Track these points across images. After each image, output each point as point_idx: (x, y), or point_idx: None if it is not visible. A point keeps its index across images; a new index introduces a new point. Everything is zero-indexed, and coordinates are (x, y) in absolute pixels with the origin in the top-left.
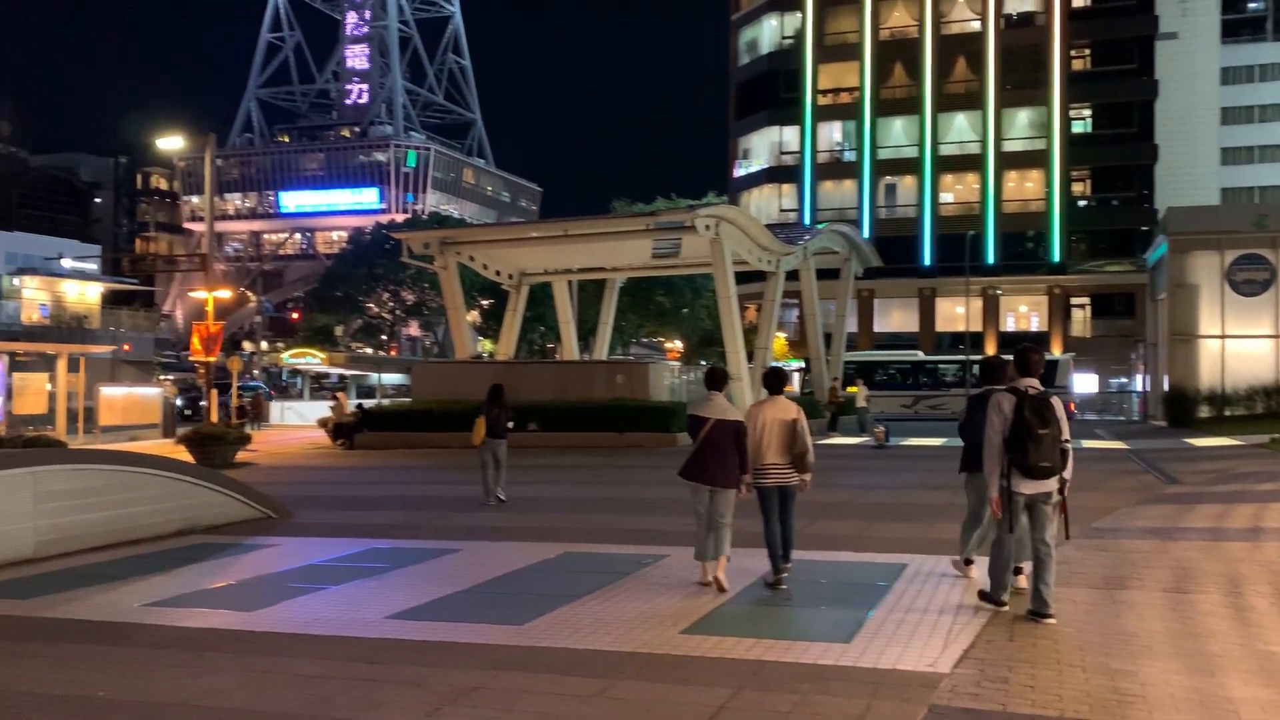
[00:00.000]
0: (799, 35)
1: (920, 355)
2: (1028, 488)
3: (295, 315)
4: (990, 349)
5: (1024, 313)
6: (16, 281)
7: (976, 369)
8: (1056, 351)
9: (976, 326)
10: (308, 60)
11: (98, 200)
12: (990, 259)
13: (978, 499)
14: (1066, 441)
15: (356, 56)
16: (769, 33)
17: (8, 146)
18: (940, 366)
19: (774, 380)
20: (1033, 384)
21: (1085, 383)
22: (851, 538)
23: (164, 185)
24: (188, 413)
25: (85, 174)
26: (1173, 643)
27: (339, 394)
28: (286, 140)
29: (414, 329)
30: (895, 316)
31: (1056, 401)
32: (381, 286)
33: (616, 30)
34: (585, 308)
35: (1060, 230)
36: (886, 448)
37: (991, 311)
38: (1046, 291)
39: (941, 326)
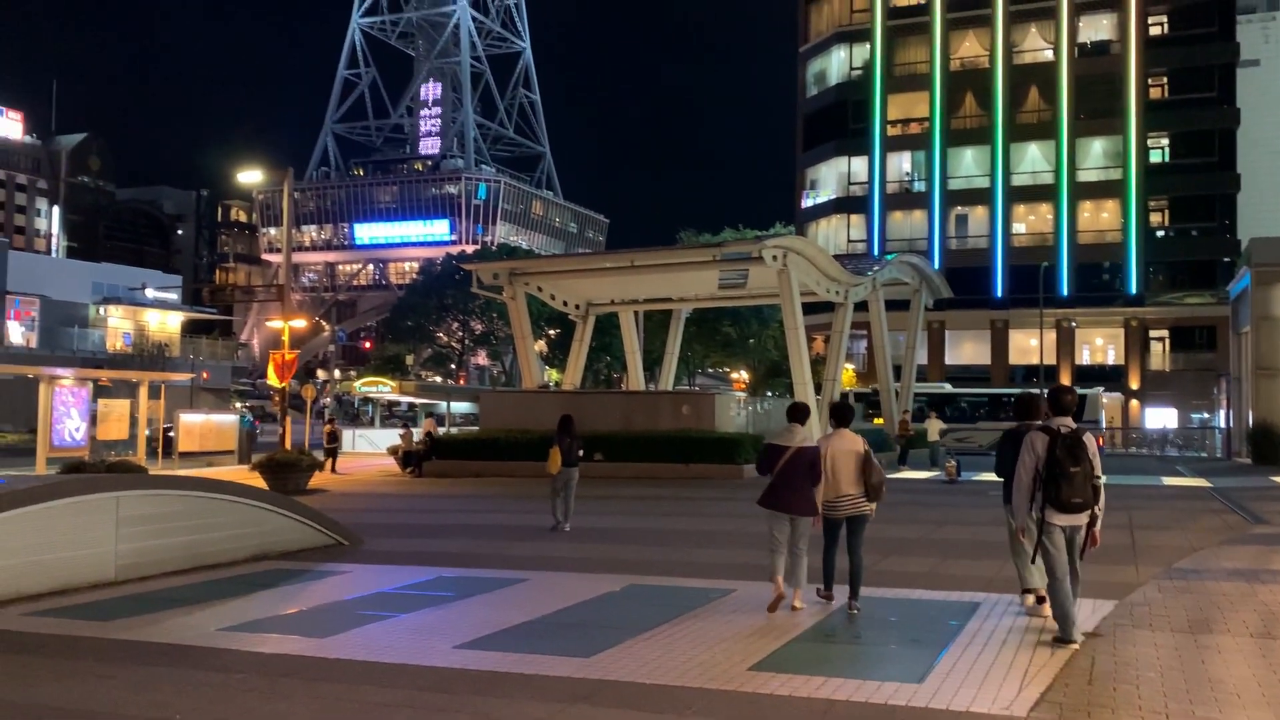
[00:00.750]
0: (868, 66)
1: (947, 387)
2: (1061, 520)
3: (367, 344)
4: (1065, 382)
5: (1099, 345)
6: (102, 310)
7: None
8: (1134, 384)
9: (1050, 359)
10: (383, 96)
11: (180, 232)
12: (1064, 290)
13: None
14: (1098, 478)
15: (430, 92)
16: (837, 64)
17: (96, 181)
18: (976, 398)
19: (841, 413)
20: (1066, 422)
21: (1164, 418)
22: (923, 575)
23: (243, 218)
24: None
25: (169, 207)
26: (1262, 690)
27: (429, 419)
28: (361, 174)
29: (482, 358)
30: (966, 348)
31: (1089, 439)
32: (451, 316)
33: (684, 63)
34: (651, 338)
35: (1137, 261)
36: (959, 483)
37: (1066, 344)
38: (1123, 324)
39: (1014, 359)
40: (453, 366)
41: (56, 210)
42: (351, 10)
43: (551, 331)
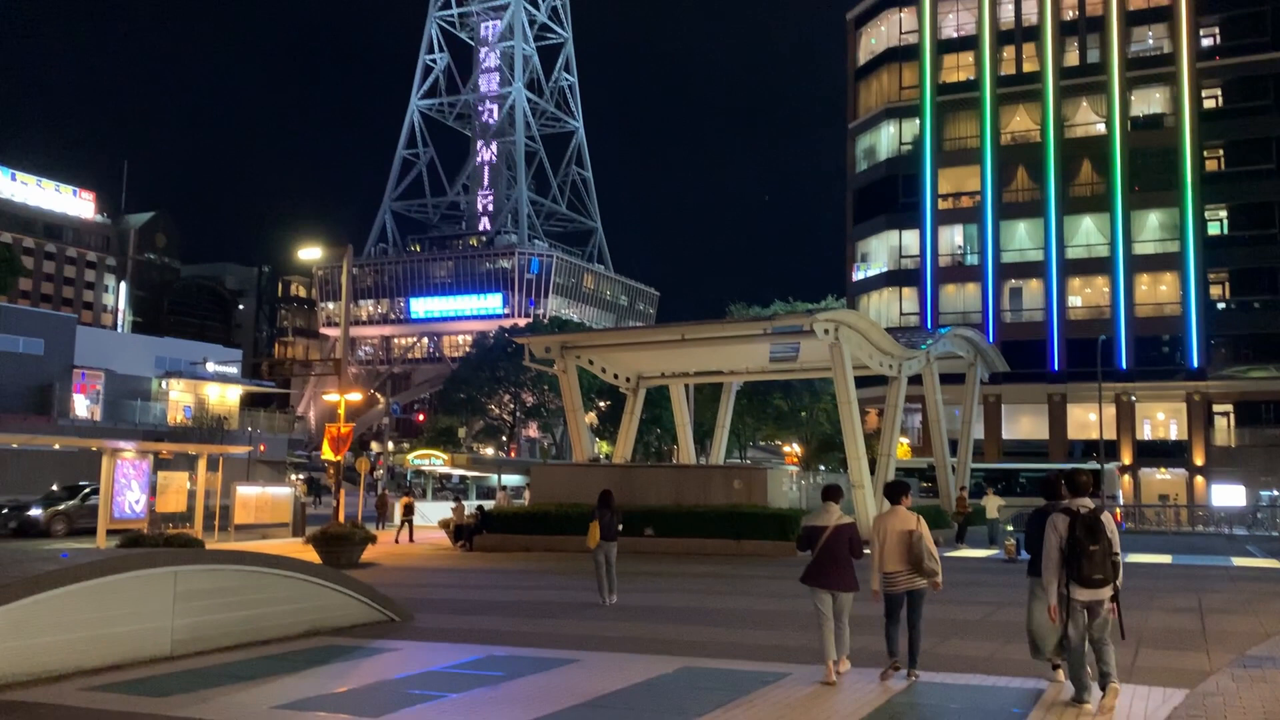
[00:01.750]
0: (917, 141)
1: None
2: (1084, 595)
3: (420, 417)
4: (1126, 458)
5: (1161, 420)
6: (165, 384)
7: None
8: (1198, 460)
9: (1110, 434)
10: (440, 174)
11: (241, 307)
12: (1123, 364)
13: (1035, 601)
14: (1116, 554)
15: (485, 170)
16: (887, 139)
17: (163, 258)
18: (1034, 474)
19: (894, 492)
20: (1084, 503)
21: (1231, 495)
22: (983, 659)
23: (303, 293)
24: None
25: (231, 283)
26: None
27: (500, 491)
28: (418, 249)
29: (533, 430)
30: (1024, 423)
31: (1107, 518)
32: (503, 389)
33: (734, 137)
34: (702, 410)
35: (1198, 334)
36: (1019, 561)
37: (1126, 419)
38: (1185, 398)
39: (1073, 434)
40: (504, 439)
41: (124, 286)
42: (411, 93)
43: (602, 403)
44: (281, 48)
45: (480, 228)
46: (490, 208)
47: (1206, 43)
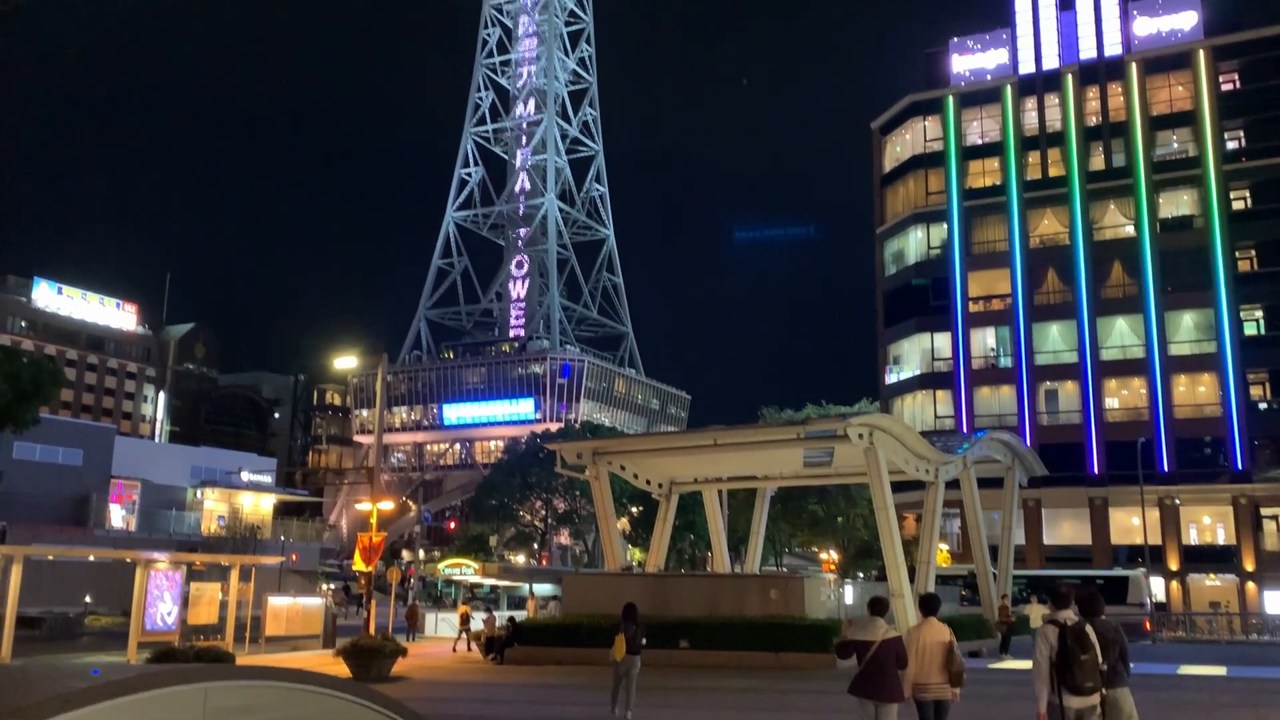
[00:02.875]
0: (946, 245)
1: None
2: (1075, 703)
3: (452, 524)
4: (1172, 563)
5: (1207, 524)
6: (200, 493)
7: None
8: (1249, 566)
9: (1155, 539)
10: (473, 282)
11: (276, 415)
12: (1164, 466)
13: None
14: (1103, 666)
15: (518, 278)
16: (915, 243)
17: (201, 368)
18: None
19: (930, 604)
20: (1068, 615)
21: None
22: None
23: (337, 401)
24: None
25: (267, 391)
26: None
27: (531, 599)
28: (451, 356)
29: (565, 537)
30: (1065, 528)
31: (1090, 630)
32: (534, 495)
33: (762, 241)
34: (736, 515)
35: (1241, 436)
36: None
37: (1170, 522)
38: (1231, 501)
39: (1117, 538)
40: (535, 546)
41: (162, 396)
42: (447, 205)
43: (634, 509)
44: (320, 162)
45: (512, 334)
46: (523, 313)
47: (1231, 145)
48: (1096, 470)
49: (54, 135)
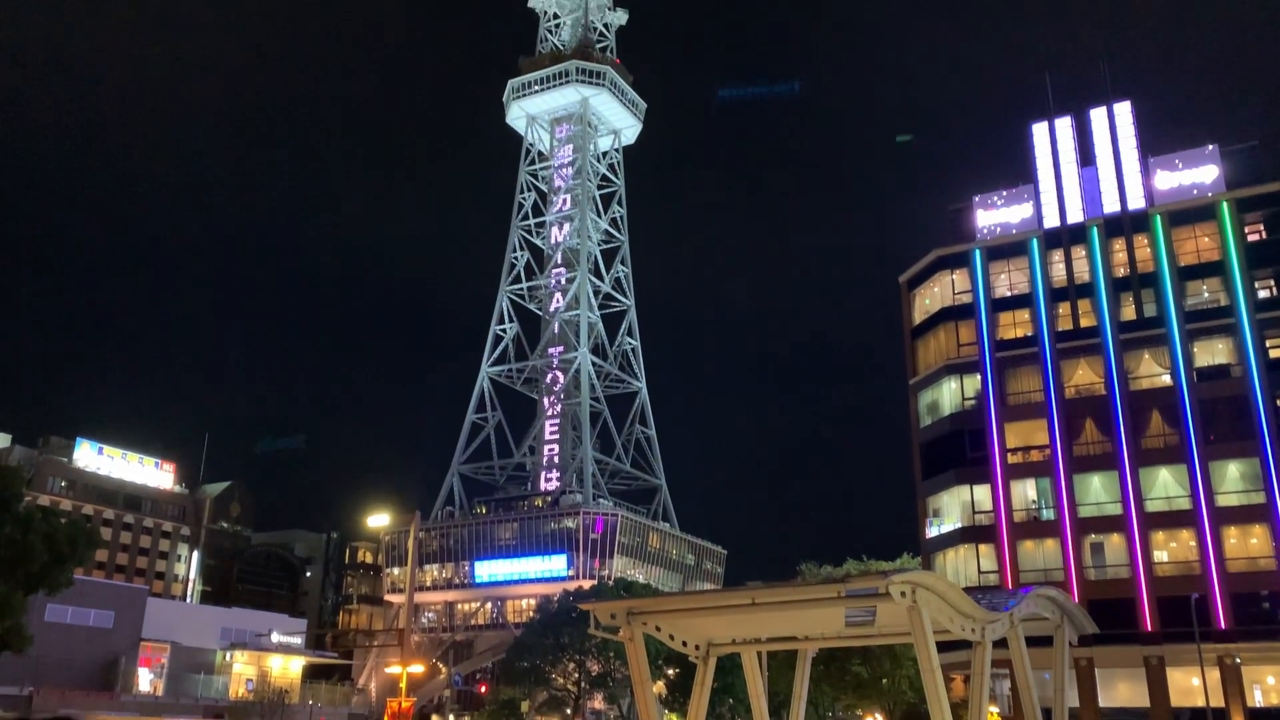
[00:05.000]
0: (980, 396)
1: None
2: None
3: (483, 687)
4: None
5: (1272, 684)
6: (229, 656)
7: None
8: None
9: (1217, 700)
10: (507, 436)
11: (308, 574)
12: (1221, 623)
13: None
14: None
15: (551, 432)
16: (949, 395)
17: (235, 527)
18: None
19: None
20: None
21: None
22: None
23: (369, 559)
24: None
25: (299, 550)
26: None
27: None
28: (484, 511)
29: (599, 701)
30: (1121, 689)
31: None
32: (567, 656)
33: (793, 392)
34: (776, 677)
35: None
36: None
37: (1233, 683)
38: None
39: (1176, 700)
40: (568, 710)
41: (196, 556)
42: (482, 360)
43: (670, 671)
44: (356, 324)
45: (545, 488)
46: (556, 466)
47: (1263, 295)
48: (1150, 627)
49: (99, 298)
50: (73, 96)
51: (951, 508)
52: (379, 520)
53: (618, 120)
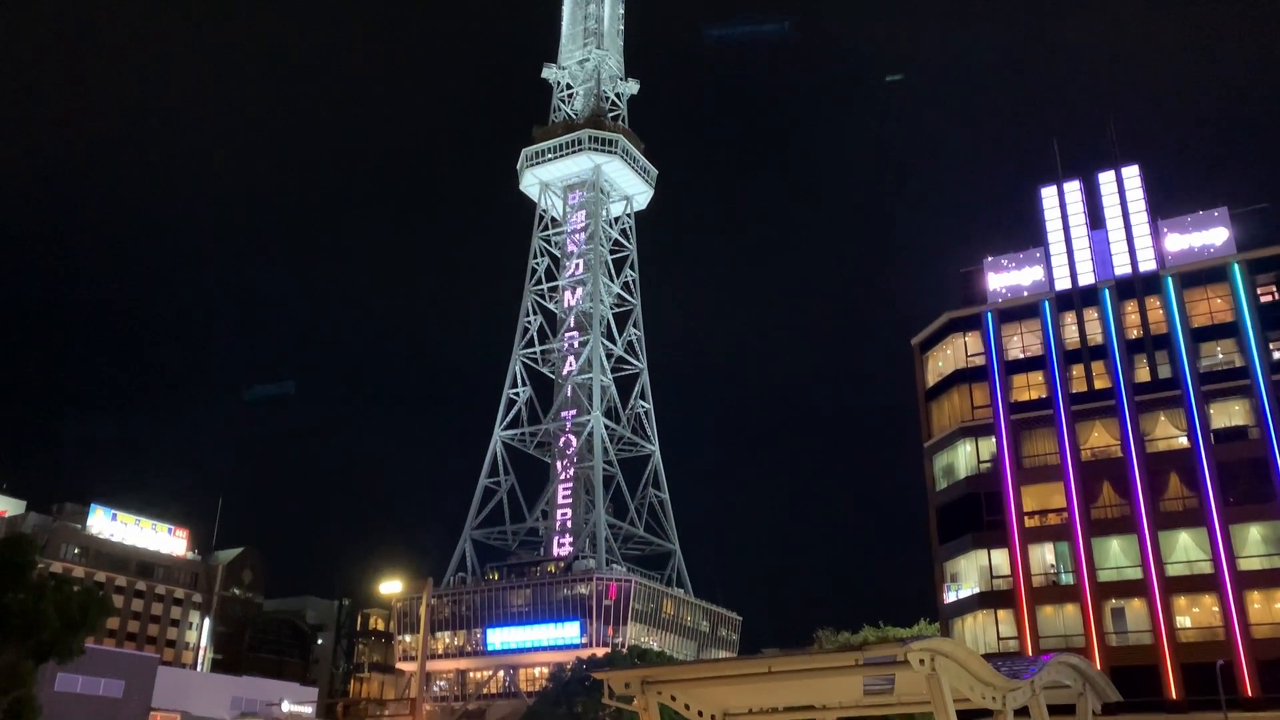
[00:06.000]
0: (996, 459)
1: None
2: None
3: None
4: None
5: None
6: None
7: None
8: None
9: None
10: (519, 500)
11: (320, 641)
12: (1249, 690)
13: None
14: None
15: (564, 496)
16: (964, 457)
17: (247, 593)
18: None
19: None
20: None
21: None
22: None
23: (381, 625)
24: None
25: (311, 617)
26: None
27: None
28: (496, 578)
29: None
30: None
31: None
32: None
33: (807, 455)
34: None
35: None
36: None
37: None
38: None
39: None
40: None
41: (207, 623)
42: (495, 424)
43: None
44: (368, 384)
45: (558, 553)
46: (569, 531)
47: (1278, 356)
48: (1175, 695)
49: (115, 365)
50: (81, 152)
51: (969, 572)
52: (391, 587)
53: (629, 186)
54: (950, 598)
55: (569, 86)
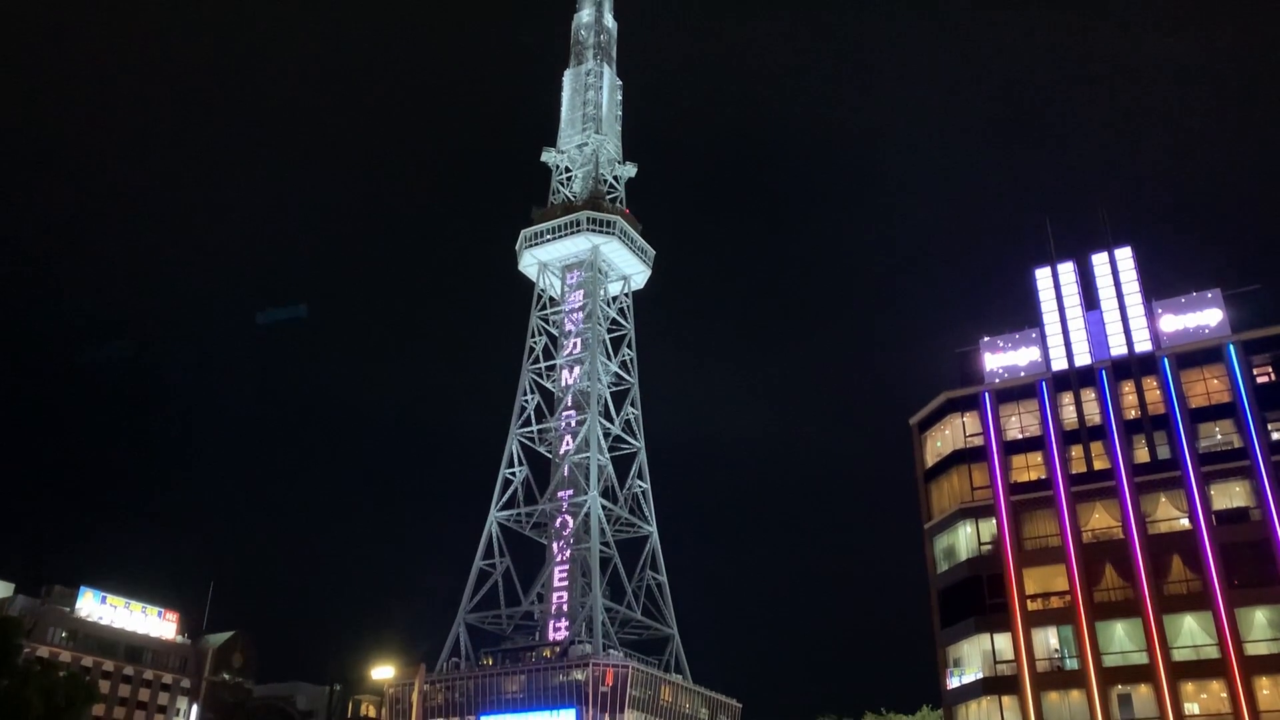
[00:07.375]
0: (996, 541)
1: None
2: None
3: None
4: None
5: None
6: None
7: None
8: None
9: None
10: (515, 583)
11: None
12: None
13: None
14: None
15: (560, 579)
16: (965, 539)
17: (237, 678)
18: None
19: None
20: None
21: None
22: None
23: (372, 713)
24: None
25: (301, 703)
26: None
27: None
28: (490, 663)
29: None
30: None
31: None
32: None
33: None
34: None
35: None
36: None
37: None
38: None
39: None
40: None
41: (195, 710)
42: (490, 505)
43: None
44: (361, 465)
45: (553, 637)
46: (565, 614)
47: (1277, 436)
48: None
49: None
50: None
51: (972, 657)
52: (383, 672)
53: (627, 266)
54: (953, 683)
55: (568, 169)
